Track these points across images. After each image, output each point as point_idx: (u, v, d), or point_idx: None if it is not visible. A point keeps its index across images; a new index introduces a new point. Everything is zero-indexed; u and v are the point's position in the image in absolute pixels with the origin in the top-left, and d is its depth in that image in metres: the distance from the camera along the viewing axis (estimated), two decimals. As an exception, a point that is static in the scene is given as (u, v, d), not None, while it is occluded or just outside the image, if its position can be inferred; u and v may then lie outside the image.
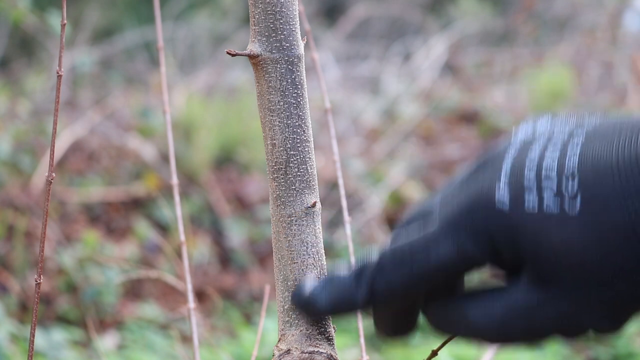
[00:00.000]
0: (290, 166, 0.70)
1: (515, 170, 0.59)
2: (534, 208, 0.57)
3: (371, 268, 0.63)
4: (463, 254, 0.60)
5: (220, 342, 2.75)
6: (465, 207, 0.60)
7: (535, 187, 0.58)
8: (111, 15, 6.43)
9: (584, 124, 0.60)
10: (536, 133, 0.61)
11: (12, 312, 2.73)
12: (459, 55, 5.69)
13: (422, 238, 0.62)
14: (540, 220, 0.57)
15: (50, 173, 0.74)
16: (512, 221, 0.58)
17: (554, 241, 0.57)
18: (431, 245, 0.61)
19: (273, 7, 0.69)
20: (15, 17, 3.07)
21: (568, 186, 0.57)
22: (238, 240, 3.43)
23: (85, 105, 4.32)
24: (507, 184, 0.59)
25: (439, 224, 0.61)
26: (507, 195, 0.59)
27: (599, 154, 0.57)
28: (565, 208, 0.57)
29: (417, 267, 0.61)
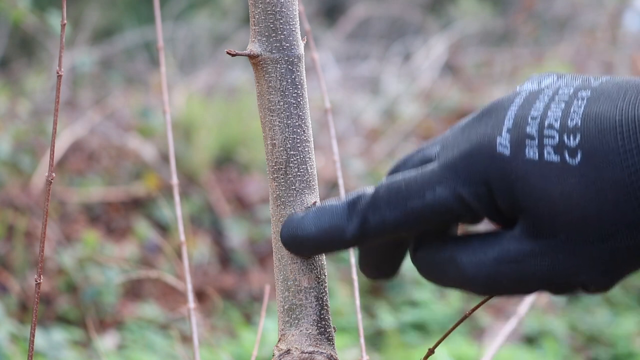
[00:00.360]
0: (290, 166, 0.70)
1: (518, 118, 0.59)
2: (535, 155, 0.57)
3: (365, 201, 0.63)
4: (459, 197, 0.60)
5: (220, 342, 2.75)
6: (465, 151, 0.60)
7: (537, 136, 0.58)
8: (111, 15, 6.43)
9: (590, 84, 0.60)
10: (542, 86, 0.61)
11: (12, 312, 2.73)
12: (459, 55, 5.69)
13: (420, 176, 0.61)
14: (541, 168, 0.57)
15: (50, 173, 0.74)
16: (512, 166, 0.58)
17: (553, 191, 0.57)
18: (428, 185, 0.60)
19: (273, 7, 0.69)
20: (15, 17, 3.07)
21: (570, 139, 0.57)
22: (238, 240, 3.44)
23: (85, 105, 4.32)
24: (509, 130, 0.59)
25: (437, 165, 0.61)
26: (509, 141, 0.58)
27: (603, 112, 0.57)
28: (566, 159, 0.57)
29: (411, 205, 0.61)
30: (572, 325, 3.15)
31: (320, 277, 0.70)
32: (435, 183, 0.60)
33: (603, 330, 3.08)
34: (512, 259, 0.59)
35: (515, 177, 0.58)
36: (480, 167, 0.59)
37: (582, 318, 3.18)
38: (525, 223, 0.59)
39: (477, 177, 0.59)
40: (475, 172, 0.59)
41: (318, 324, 0.70)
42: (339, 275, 3.28)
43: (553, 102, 0.59)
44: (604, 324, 3.12)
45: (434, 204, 0.60)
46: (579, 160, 0.56)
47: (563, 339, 3.03)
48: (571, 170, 0.56)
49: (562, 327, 3.08)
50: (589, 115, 0.57)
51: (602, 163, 0.56)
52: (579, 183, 0.56)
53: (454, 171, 0.60)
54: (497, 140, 0.59)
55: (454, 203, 0.60)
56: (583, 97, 0.58)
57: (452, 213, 0.61)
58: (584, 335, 3.11)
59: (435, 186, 0.60)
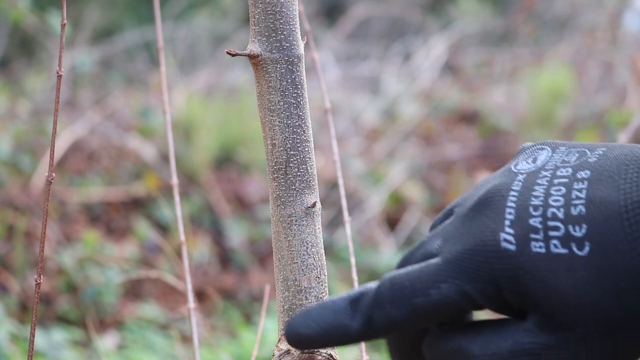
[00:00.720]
0: (290, 166, 0.70)
1: (520, 209, 0.57)
2: (542, 248, 0.56)
3: (369, 299, 0.61)
4: (465, 296, 0.58)
5: (220, 342, 2.75)
6: (469, 248, 0.58)
7: (542, 228, 0.56)
8: (111, 15, 6.43)
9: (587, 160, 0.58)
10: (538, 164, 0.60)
11: (12, 312, 2.72)
12: (459, 55, 5.69)
13: (424, 273, 0.60)
14: (549, 262, 0.56)
15: (50, 173, 0.74)
16: (519, 262, 0.56)
17: (564, 285, 0.55)
18: (432, 282, 0.59)
19: (273, 7, 0.69)
20: (15, 17, 3.07)
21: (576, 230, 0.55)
22: (238, 240, 3.43)
23: (85, 105, 4.32)
24: (512, 223, 0.57)
25: (442, 260, 0.59)
26: (513, 236, 0.57)
27: (606, 196, 0.55)
28: (574, 251, 0.55)
29: (416, 303, 0.59)
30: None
31: (320, 277, 0.70)
32: (440, 281, 0.59)
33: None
34: (528, 352, 0.57)
35: (523, 273, 0.56)
36: (485, 264, 0.58)
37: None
38: (538, 317, 0.57)
39: (484, 274, 0.58)
40: (481, 269, 0.58)
41: (318, 324, 0.69)
42: (339, 275, 3.28)
43: (553, 187, 0.57)
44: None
45: (439, 302, 0.59)
46: (587, 251, 0.55)
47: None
48: (580, 262, 0.55)
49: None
50: (592, 201, 0.56)
51: (611, 253, 0.54)
52: (589, 275, 0.55)
53: (458, 268, 0.58)
54: (501, 235, 0.57)
55: (460, 300, 0.59)
56: (583, 179, 0.57)
57: (458, 309, 0.59)
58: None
59: (440, 284, 0.59)
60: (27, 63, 5.16)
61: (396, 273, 0.61)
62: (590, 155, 0.59)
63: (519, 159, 0.62)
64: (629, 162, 0.57)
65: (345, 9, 6.35)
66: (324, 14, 6.67)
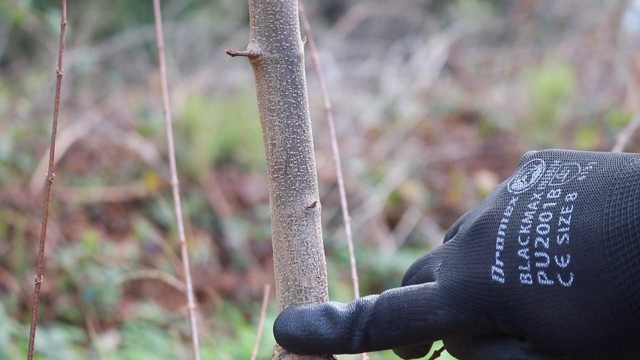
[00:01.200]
0: (290, 166, 0.69)
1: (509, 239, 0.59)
2: (529, 280, 0.58)
3: (367, 316, 0.63)
4: (460, 323, 0.61)
5: (220, 342, 2.75)
6: (463, 279, 0.61)
7: (529, 259, 0.58)
8: (111, 15, 6.43)
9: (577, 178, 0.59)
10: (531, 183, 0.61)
11: (12, 312, 2.72)
12: (459, 55, 5.69)
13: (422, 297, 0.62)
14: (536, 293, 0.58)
15: (50, 173, 0.74)
16: (509, 295, 0.59)
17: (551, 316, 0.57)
18: (429, 308, 0.61)
19: (273, 7, 0.69)
20: (15, 17, 3.07)
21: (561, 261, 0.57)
22: (238, 240, 3.43)
23: (85, 105, 4.32)
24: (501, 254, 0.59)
25: (439, 287, 0.62)
26: (502, 268, 0.59)
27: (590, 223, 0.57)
28: (559, 282, 0.57)
29: (413, 326, 0.62)
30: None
31: (320, 277, 0.70)
32: (437, 307, 0.61)
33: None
34: None
35: (512, 305, 0.58)
36: (478, 296, 0.60)
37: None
38: (531, 343, 0.59)
39: (476, 305, 0.60)
40: (474, 301, 0.60)
41: (318, 324, 0.69)
42: (339, 275, 3.28)
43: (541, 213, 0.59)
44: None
45: (435, 327, 0.61)
46: (572, 281, 0.56)
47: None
48: (565, 292, 0.57)
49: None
50: (576, 230, 0.57)
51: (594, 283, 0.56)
52: (574, 305, 0.56)
53: (453, 297, 0.61)
54: (492, 269, 0.59)
55: (454, 327, 0.61)
56: (570, 202, 0.58)
57: (453, 333, 0.62)
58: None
59: (436, 310, 0.61)
60: (27, 63, 5.16)
61: (395, 292, 0.64)
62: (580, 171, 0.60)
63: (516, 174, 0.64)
64: (615, 182, 0.57)
65: (345, 9, 6.35)
66: (324, 14, 6.67)
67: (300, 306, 0.67)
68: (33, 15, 3.22)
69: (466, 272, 0.61)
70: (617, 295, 0.55)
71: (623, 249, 0.55)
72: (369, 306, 0.64)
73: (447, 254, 0.64)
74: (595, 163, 0.60)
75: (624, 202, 0.56)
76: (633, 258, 0.55)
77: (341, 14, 6.24)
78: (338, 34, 5.74)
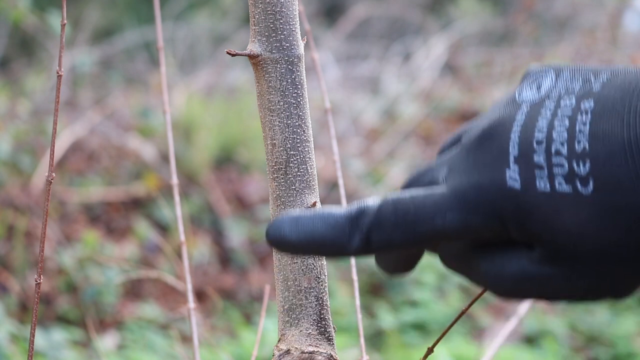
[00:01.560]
0: (290, 166, 0.70)
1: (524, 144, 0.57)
2: (547, 186, 0.56)
3: (369, 218, 0.61)
4: (469, 227, 0.59)
5: (220, 342, 2.75)
6: (475, 182, 0.59)
7: (546, 165, 0.56)
8: (111, 15, 6.43)
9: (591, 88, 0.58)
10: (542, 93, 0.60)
11: (12, 312, 2.73)
12: (459, 55, 5.69)
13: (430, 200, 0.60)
14: (553, 200, 0.56)
15: (50, 173, 0.74)
16: (524, 200, 0.57)
17: (568, 223, 0.56)
18: (438, 210, 0.59)
19: (273, 7, 0.69)
20: (15, 17, 3.07)
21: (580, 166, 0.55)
22: (238, 240, 3.43)
23: (85, 105, 4.32)
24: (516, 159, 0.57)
25: (447, 190, 0.60)
26: (518, 174, 0.57)
27: (609, 130, 0.55)
28: (578, 188, 0.55)
29: (420, 229, 0.60)
30: (572, 325, 3.15)
31: (320, 277, 0.70)
32: (446, 209, 0.59)
33: (603, 330, 3.08)
34: (532, 279, 0.58)
35: (527, 211, 0.57)
36: (491, 200, 0.58)
37: (582, 318, 3.18)
38: (542, 251, 0.58)
39: (489, 210, 0.58)
40: (487, 205, 0.58)
41: (318, 324, 0.70)
42: (339, 275, 3.28)
43: (556, 119, 0.57)
44: (604, 324, 3.12)
45: (442, 230, 0.59)
46: (591, 188, 0.55)
47: (563, 339, 3.03)
48: (584, 199, 0.55)
49: (562, 327, 3.08)
50: (596, 136, 0.55)
51: (615, 190, 0.54)
52: (593, 213, 0.55)
53: (464, 201, 0.59)
54: (507, 173, 0.57)
55: (463, 230, 0.59)
56: (587, 111, 0.56)
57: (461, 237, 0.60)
58: (584, 335, 3.11)
59: (445, 212, 0.59)
60: (27, 63, 5.16)
61: (400, 195, 0.61)
62: (594, 82, 0.58)
63: (523, 85, 0.61)
64: (633, 91, 0.56)
65: (345, 9, 6.35)
66: (324, 14, 6.67)
67: (295, 212, 0.65)
68: (33, 15, 3.22)
69: (478, 176, 0.59)
70: (638, 203, 0.54)
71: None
72: (371, 209, 0.61)
73: (452, 162, 0.61)
74: (609, 74, 0.58)
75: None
76: None
77: (341, 14, 6.24)
78: (338, 34, 5.74)
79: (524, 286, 0.59)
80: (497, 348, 1.16)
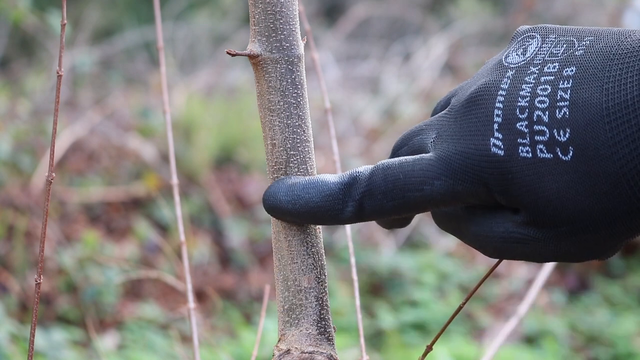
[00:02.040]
0: (290, 166, 0.70)
1: (507, 111, 0.59)
2: (529, 153, 0.58)
3: (361, 187, 0.63)
4: (456, 194, 0.61)
5: (220, 342, 2.75)
6: (460, 150, 0.61)
7: (528, 132, 0.58)
8: (111, 15, 6.43)
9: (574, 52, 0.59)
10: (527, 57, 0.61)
11: (12, 312, 2.72)
12: (459, 55, 5.69)
13: (418, 167, 0.62)
14: (535, 166, 0.58)
15: (50, 173, 0.74)
16: (508, 167, 0.59)
17: (549, 189, 0.58)
18: (426, 178, 0.61)
19: (273, 7, 0.69)
20: (15, 17, 3.07)
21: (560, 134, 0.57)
22: (238, 240, 3.43)
23: (85, 105, 4.32)
24: (500, 127, 0.59)
25: (435, 158, 0.62)
26: (501, 141, 0.59)
27: (589, 98, 0.57)
28: (558, 155, 0.57)
29: (409, 196, 0.62)
30: (572, 325, 3.15)
31: (320, 277, 0.70)
32: (433, 177, 0.61)
33: (603, 330, 3.08)
34: (517, 240, 0.61)
35: (511, 177, 0.59)
36: (476, 167, 0.60)
37: (582, 318, 3.18)
38: (526, 215, 0.60)
39: (474, 176, 0.60)
40: (471, 172, 0.60)
41: (318, 324, 0.70)
42: (339, 275, 3.28)
43: (539, 86, 0.59)
44: (604, 324, 3.12)
45: (430, 197, 0.62)
46: (571, 155, 0.57)
47: (563, 339, 3.03)
48: (564, 166, 0.57)
49: (562, 327, 3.08)
50: (576, 104, 0.57)
51: (593, 157, 0.56)
52: (572, 179, 0.57)
53: (450, 168, 0.61)
54: (491, 141, 0.59)
55: (450, 197, 0.61)
56: (568, 77, 0.58)
57: (449, 204, 0.62)
58: (584, 335, 3.11)
59: (433, 180, 0.61)
60: (27, 63, 5.16)
61: (389, 163, 0.63)
62: (577, 46, 0.59)
63: (510, 48, 0.63)
64: (614, 57, 0.57)
65: (345, 9, 6.35)
66: (324, 14, 6.67)
67: (290, 179, 0.67)
68: (33, 15, 3.22)
69: (463, 143, 0.61)
70: (615, 170, 0.56)
71: (623, 125, 0.55)
72: (363, 177, 0.64)
73: (440, 126, 0.64)
74: (592, 38, 0.59)
75: (624, 77, 0.56)
76: (633, 134, 0.55)
77: (341, 14, 6.24)
78: (338, 34, 5.74)
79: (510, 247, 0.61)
80: (497, 348, 1.16)
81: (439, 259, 3.45)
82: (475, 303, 3.25)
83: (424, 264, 3.39)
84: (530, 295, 1.23)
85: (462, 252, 3.62)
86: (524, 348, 2.93)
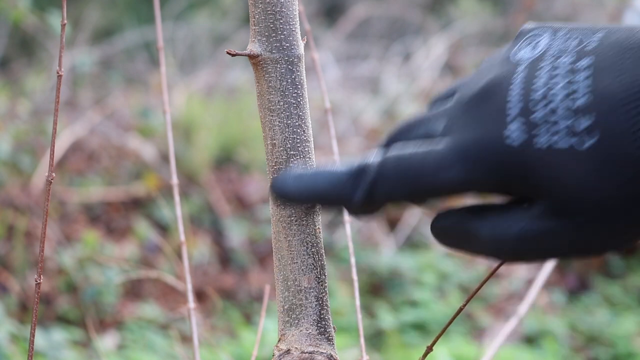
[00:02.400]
0: (290, 166, 0.70)
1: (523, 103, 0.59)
2: (544, 144, 0.57)
3: (372, 172, 0.63)
4: (471, 183, 0.60)
5: (220, 342, 2.75)
6: (475, 139, 0.60)
7: (543, 122, 0.57)
8: (111, 15, 6.43)
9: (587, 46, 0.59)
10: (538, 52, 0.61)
11: (12, 312, 2.72)
12: (459, 55, 5.69)
13: (432, 156, 0.61)
14: (552, 156, 0.57)
15: (50, 173, 0.74)
16: (523, 158, 0.58)
17: (567, 179, 0.57)
18: (440, 167, 0.60)
19: (273, 7, 0.69)
20: (15, 17, 3.07)
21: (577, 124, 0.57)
22: (238, 240, 3.43)
23: (85, 105, 4.32)
24: (515, 118, 0.59)
25: (449, 146, 0.61)
26: (517, 131, 0.58)
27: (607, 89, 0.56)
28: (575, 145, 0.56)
29: (423, 184, 0.61)
30: (572, 325, 3.15)
31: (320, 277, 0.70)
32: (448, 166, 0.60)
33: (603, 330, 3.08)
34: (534, 237, 0.59)
35: (528, 168, 0.58)
36: (492, 158, 0.59)
37: (582, 318, 3.18)
38: (544, 205, 0.59)
39: (490, 166, 0.59)
40: (488, 162, 0.59)
41: (318, 324, 0.70)
42: (339, 275, 3.28)
43: (553, 79, 0.58)
44: (604, 324, 3.12)
45: (444, 186, 0.61)
46: (592, 142, 0.56)
47: (563, 339, 3.03)
48: (583, 154, 0.56)
49: (562, 327, 3.08)
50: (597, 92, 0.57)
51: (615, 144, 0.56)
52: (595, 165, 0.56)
53: (466, 156, 0.60)
54: (505, 132, 0.59)
55: (464, 187, 0.60)
56: (583, 69, 0.58)
57: (463, 192, 0.61)
58: (584, 335, 3.11)
59: (448, 169, 0.60)
60: (27, 63, 5.16)
61: (401, 153, 0.62)
62: (590, 40, 0.59)
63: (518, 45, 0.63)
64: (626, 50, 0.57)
65: (345, 9, 6.35)
66: (324, 14, 6.67)
67: (298, 168, 0.67)
68: (33, 15, 3.22)
69: (479, 133, 0.60)
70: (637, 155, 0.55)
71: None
72: (372, 166, 0.63)
73: (451, 115, 0.63)
74: (603, 34, 0.59)
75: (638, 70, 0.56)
76: None
77: (341, 14, 6.24)
78: (338, 34, 5.74)
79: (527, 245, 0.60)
80: (497, 348, 1.16)
81: (439, 259, 3.45)
82: (475, 303, 3.25)
83: (424, 264, 3.39)
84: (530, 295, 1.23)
85: (462, 252, 3.62)
86: (524, 348, 2.93)
